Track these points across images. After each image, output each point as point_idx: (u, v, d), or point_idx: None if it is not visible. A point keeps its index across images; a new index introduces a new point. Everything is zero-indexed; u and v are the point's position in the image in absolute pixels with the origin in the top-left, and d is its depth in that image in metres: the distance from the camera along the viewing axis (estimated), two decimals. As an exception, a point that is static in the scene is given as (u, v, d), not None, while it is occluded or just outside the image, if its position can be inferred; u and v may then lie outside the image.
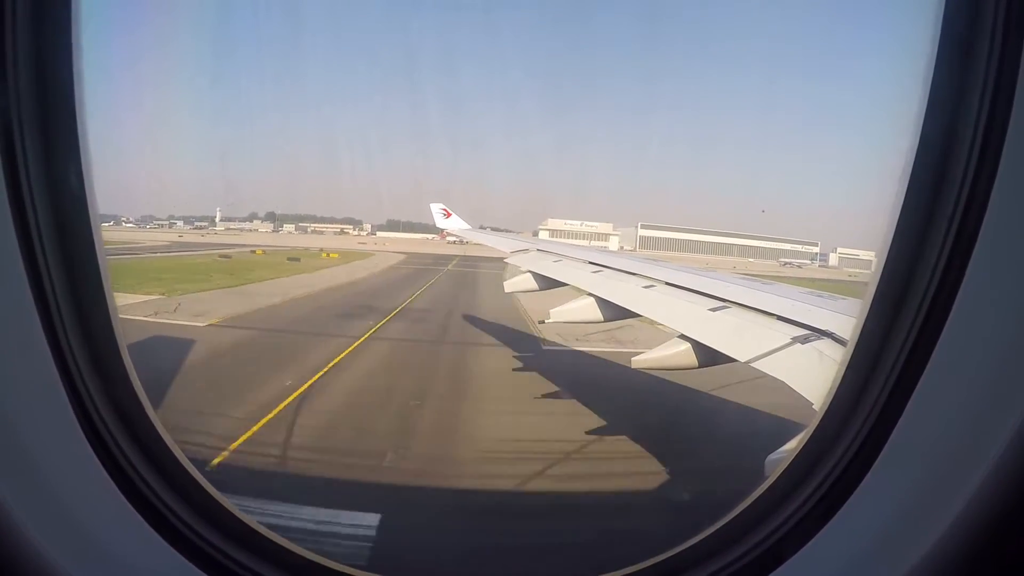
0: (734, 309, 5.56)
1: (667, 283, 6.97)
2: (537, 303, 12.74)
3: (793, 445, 1.91)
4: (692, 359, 5.48)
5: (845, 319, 4.30)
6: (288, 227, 65.48)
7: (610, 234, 72.62)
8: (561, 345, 13.47)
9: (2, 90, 1.30)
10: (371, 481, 6.36)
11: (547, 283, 9.18)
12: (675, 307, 6.28)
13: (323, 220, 70.79)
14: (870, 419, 1.46)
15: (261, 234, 58.89)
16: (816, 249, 76.51)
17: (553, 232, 70.88)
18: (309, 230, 66.65)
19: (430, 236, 66.92)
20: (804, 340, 4.31)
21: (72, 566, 1.33)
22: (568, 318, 7.98)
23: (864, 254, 74.09)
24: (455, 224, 16.98)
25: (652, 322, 6.55)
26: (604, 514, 5.83)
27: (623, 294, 7.31)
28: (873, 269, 1.58)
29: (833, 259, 75.25)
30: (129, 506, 1.46)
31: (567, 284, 8.70)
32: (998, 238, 1.24)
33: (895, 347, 1.44)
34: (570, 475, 6.88)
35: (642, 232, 75.40)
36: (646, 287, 7.14)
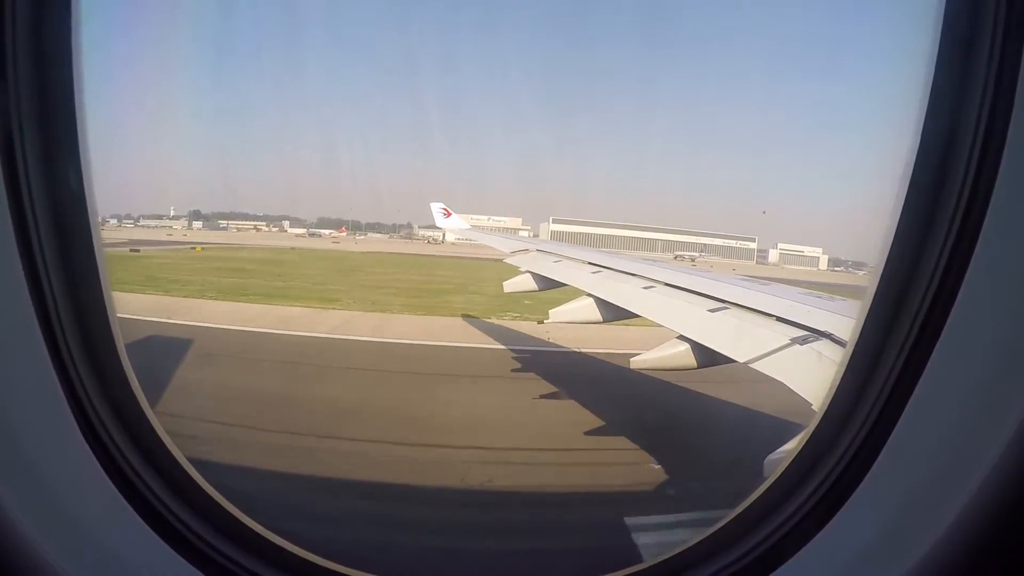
0: (733, 310, 5.57)
1: (666, 284, 6.99)
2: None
3: (793, 446, 1.91)
4: (691, 360, 5.49)
5: (844, 320, 4.30)
6: (196, 223, 66.54)
7: (519, 229, 71.32)
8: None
9: (2, 90, 1.29)
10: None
11: (547, 283, 9.19)
12: (674, 308, 6.29)
13: (256, 218, 71.97)
14: (870, 419, 1.46)
15: (172, 230, 59.98)
16: (753, 245, 74.95)
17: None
18: (221, 226, 67.42)
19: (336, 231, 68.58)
20: (803, 341, 4.31)
21: (71, 567, 1.33)
22: (567, 318, 7.99)
23: (809, 250, 73.40)
24: (455, 223, 16.96)
25: (651, 322, 6.54)
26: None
27: (622, 295, 7.32)
28: (872, 269, 1.59)
29: (773, 255, 74.28)
30: (128, 507, 1.46)
31: (567, 284, 8.71)
32: (998, 239, 1.25)
33: (894, 348, 1.44)
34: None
35: (554, 227, 72.28)
36: (645, 288, 7.15)
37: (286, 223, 70.61)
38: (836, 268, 65.59)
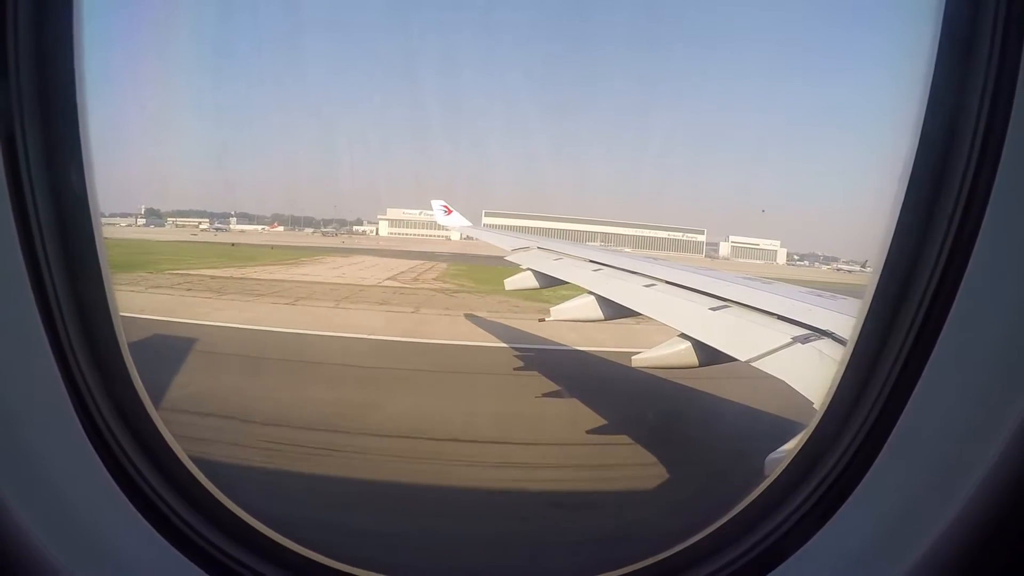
0: (735, 308, 5.57)
1: (668, 282, 6.98)
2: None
3: (793, 444, 1.91)
4: (692, 358, 5.48)
5: (845, 319, 4.30)
6: (141, 221, 66.65)
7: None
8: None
9: (3, 90, 1.30)
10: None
11: (547, 281, 9.18)
12: (675, 306, 6.28)
13: (203, 215, 70.61)
14: (870, 418, 1.46)
15: (114, 227, 58.55)
16: (702, 237, 73.93)
17: (392, 222, 72.38)
18: (161, 223, 67.43)
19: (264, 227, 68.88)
20: (804, 340, 4.31)
21: (73, 565, 1.33)
22: (568, 316, 7.99)
23: (765, 243, 72.05)
24: (456, 221, 16.92)
25: (652, 321, 6.54)
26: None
27: (623, 293, 7.32)
28: (872, 269, 1.59)
29: (724, 248, 73.30)
30: (130, 505, 1.47)
31: (567, 282, 8.71)
32: (998, 238, 1.25)
33: (895, 347, 1.44)
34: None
35: (487, 220, 68.61)
36: (647, 286, 7.15)
37: (233, 219, 69.97)
38: (799, 262, 65.03)
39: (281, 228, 69.66)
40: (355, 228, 74.20)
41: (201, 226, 63.99)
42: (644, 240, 66.90)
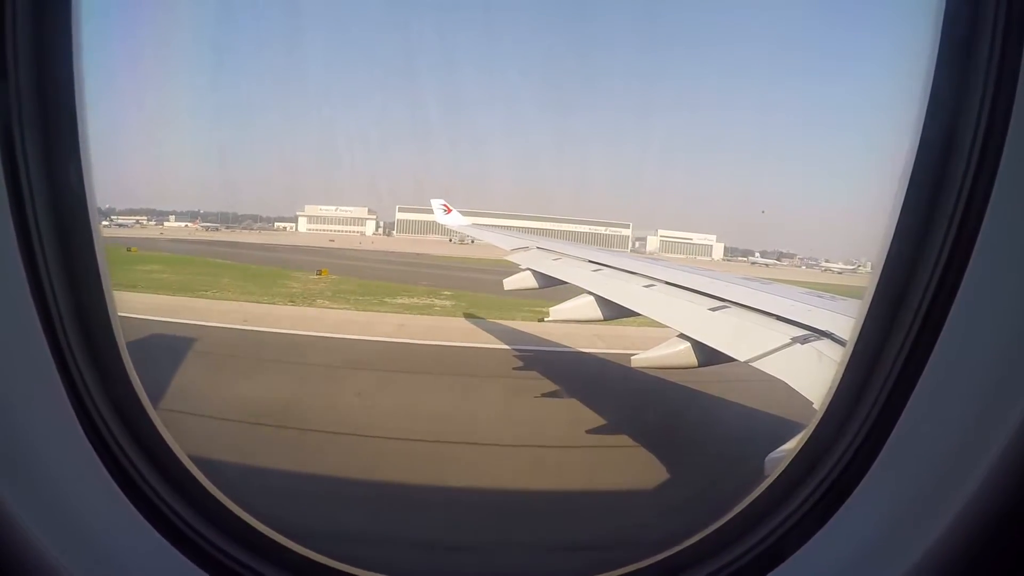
0: (734, 309, 5.58)
1: (667, 282, 6.99)
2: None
3: (793, 444, 1.91)
4: (692, 358, 5.49)
5: (844, 319, 4.31)
6: None
7: (365, 218, 72.62)
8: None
9: (2, 89, 1.30)
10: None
11: (547, 281, 9.19)
12: (675, 306, 6.30)
13: (143, 212, 68.72)
14: (870, 419, 1.46)
15: None
16: (628, 232, 72.36)
17: (311, 218, 73.23)
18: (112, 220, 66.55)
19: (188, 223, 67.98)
20: (803, 340, 4.32)
21: (72, 565, 1.33)
22: (567, 316, 8.00)
23: (699, 237, 70.72)
24: (455, 220, 16.91)
25: (651, 321, 6.55)
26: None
27: (623, 293, 7.33)
28: (872, 269, 1.59)
29: (653, 242, 72.28)
30: (129, 504, 1.47)
31: (567, 282, 8.71)
32: (998, 238, 1.25)
33: (894, 347, 1.44)
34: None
35: (400, 216, 70.69)
36: (646, 286, 7.16)
37: (172, 217, 69.12)
38: (743, 258, 64.54)
39: (198, 225, 69.15)
40: (276, 224, 74.77)
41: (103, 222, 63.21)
42: (563, 236, 64.18)
